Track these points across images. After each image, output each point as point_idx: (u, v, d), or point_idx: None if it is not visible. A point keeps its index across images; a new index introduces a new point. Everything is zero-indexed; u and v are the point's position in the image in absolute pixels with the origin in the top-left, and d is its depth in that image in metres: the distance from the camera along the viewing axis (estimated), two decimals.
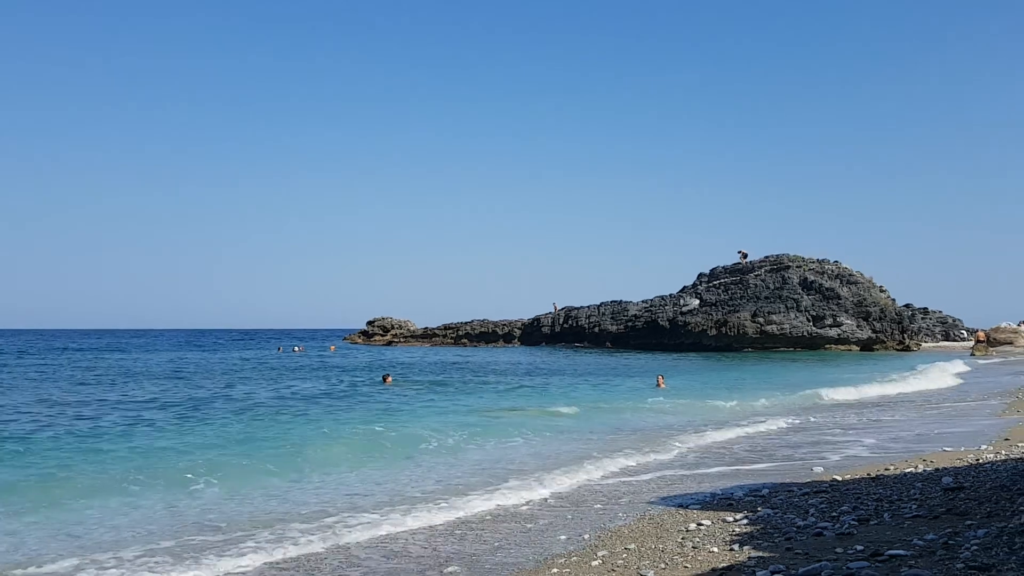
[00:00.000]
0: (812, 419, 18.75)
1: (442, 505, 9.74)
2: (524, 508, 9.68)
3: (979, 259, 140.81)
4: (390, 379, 30.85)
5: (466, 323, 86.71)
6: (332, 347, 71.01)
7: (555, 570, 6.93)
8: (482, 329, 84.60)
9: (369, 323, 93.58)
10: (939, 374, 33.50)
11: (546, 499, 10.19)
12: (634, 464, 12.74)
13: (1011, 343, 53.71)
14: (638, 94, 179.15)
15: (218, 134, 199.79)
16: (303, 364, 44.64)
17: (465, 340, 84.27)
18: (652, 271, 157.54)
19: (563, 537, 8.12)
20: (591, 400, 23.63)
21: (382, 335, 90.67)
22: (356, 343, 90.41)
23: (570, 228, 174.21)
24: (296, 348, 69.18)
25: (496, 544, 7.98)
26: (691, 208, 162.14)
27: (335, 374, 35.82)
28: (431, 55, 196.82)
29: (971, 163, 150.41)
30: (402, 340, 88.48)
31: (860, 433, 15.87)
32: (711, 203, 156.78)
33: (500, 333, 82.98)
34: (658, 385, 29.60)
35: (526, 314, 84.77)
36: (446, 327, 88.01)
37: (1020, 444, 12.49)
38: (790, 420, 18.52)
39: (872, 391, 26.75)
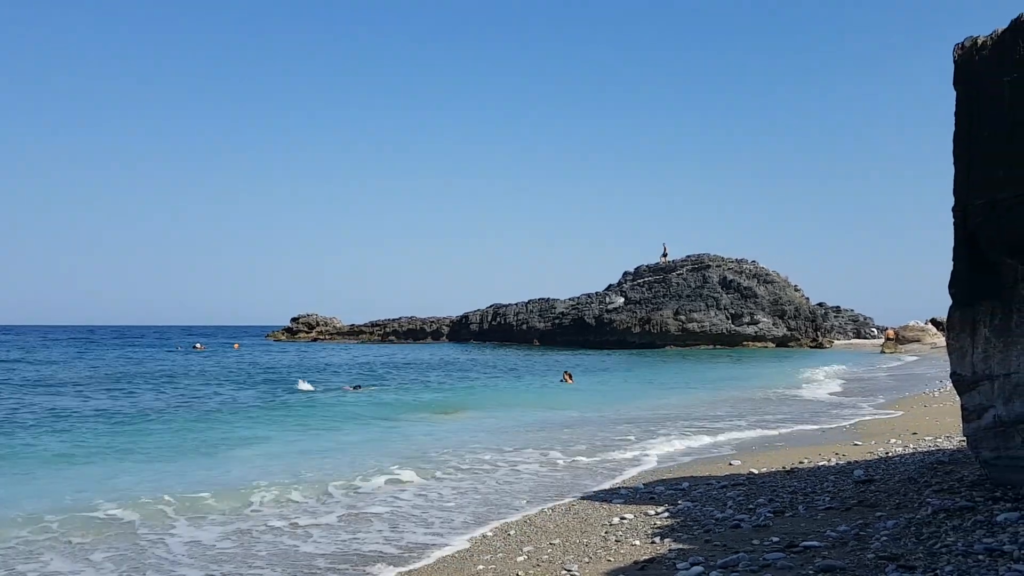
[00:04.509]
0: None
1: (369, 500, 9.63)
2: (450, 504, 9.63)
3: (890, 260, 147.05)
4: (351, 387, 27.61)
5: (394, 320, 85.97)
6: (236, 345, 69.10)
7: (481, 566, 6.91)
8: (410, 326, 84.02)
9: (294, 320, 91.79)
10: None
11: (472, 497, 10.15)
12: (553, 461, 12.84)
13: (919, 341, 56.07)
14: (566, 100, 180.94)
15: (158, 127, 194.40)
16: (168, 366, 39.39)
17: (393, 337, 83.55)
18: (578, 268, 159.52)
19: (488, 532, 8.12)
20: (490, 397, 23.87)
21: (307, 332, 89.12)
22: (280, 340, 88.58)
23: (499, 226, 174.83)
24: (196, 345, 67.41)
25: (421, 539, 7.92)
26: (616, 207, 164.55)
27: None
28: (366, 56, 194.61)
29: (886, 167, 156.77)
30: (328, 337, 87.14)
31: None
32: (635, 202, 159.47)
33: (428, 330, 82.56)
34: (565, 381, 29.55)
35: (454, 311, 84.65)
36: (373, 324, 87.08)
37: (927, 437, 13.04)
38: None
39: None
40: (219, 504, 9.64)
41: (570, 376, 30.26)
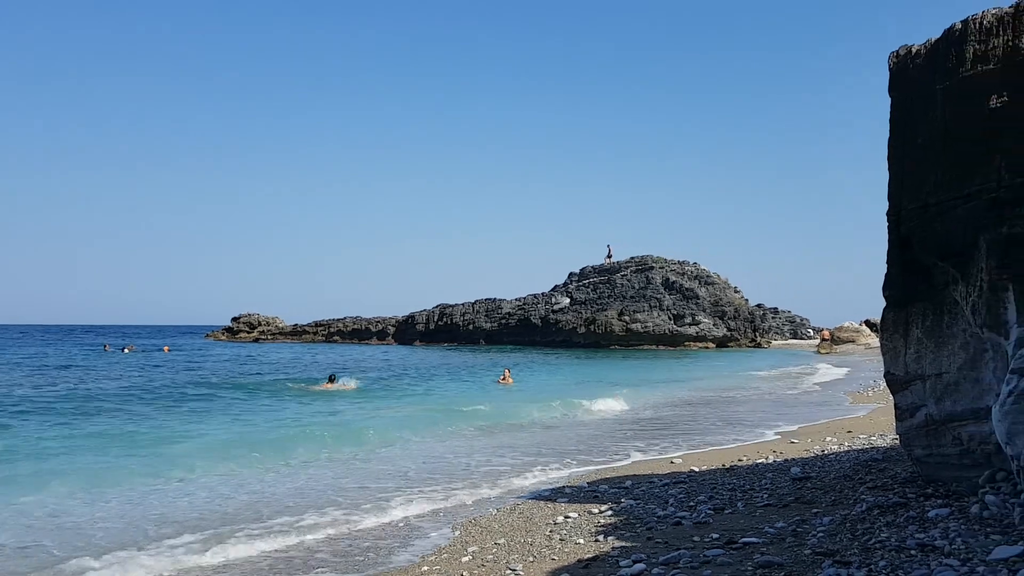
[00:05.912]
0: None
1: (300, 502, 9.47)
2: (395, 502, 9.53)
3: (826, 262, 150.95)
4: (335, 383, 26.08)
5: (338, 320, 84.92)
6: (166, 348, 66.07)
7: (425, 568, 6.87)
8: (355, 326, 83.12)
9: (234, 319, 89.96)
10: None
11: (414, 498, 10.06)
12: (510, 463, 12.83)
13: (853, 341, 57.61)
14: (511, 100, 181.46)
15: (96, 123, 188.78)
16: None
17: (337, 337, 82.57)
18: (524, 269, 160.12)
19: (433, 534, 8.07)
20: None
21: (248, 332, 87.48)
22: (220, 340, 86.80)
23: (444, 226, 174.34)
24: (126, 348, 62.52)
25: (367, 543, 7.82)
26: (561, 208, 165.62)
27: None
28: (316, 51, 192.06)
29: (823, 171, 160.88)
30: (270, 337, 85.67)
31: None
32: (580, 203, 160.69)
33: (374, 330, 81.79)
34: (504, 380, 28.81)
35: (400, 311, 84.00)
36: (317, 324, 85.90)
37: (862, 435, 13.40)
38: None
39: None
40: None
41: (508, 374, 29.66)
